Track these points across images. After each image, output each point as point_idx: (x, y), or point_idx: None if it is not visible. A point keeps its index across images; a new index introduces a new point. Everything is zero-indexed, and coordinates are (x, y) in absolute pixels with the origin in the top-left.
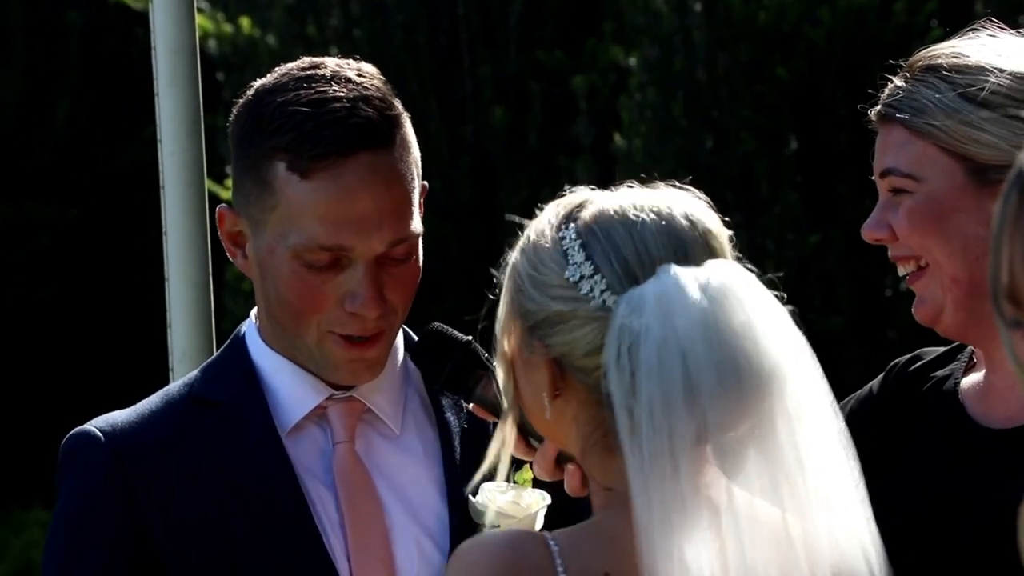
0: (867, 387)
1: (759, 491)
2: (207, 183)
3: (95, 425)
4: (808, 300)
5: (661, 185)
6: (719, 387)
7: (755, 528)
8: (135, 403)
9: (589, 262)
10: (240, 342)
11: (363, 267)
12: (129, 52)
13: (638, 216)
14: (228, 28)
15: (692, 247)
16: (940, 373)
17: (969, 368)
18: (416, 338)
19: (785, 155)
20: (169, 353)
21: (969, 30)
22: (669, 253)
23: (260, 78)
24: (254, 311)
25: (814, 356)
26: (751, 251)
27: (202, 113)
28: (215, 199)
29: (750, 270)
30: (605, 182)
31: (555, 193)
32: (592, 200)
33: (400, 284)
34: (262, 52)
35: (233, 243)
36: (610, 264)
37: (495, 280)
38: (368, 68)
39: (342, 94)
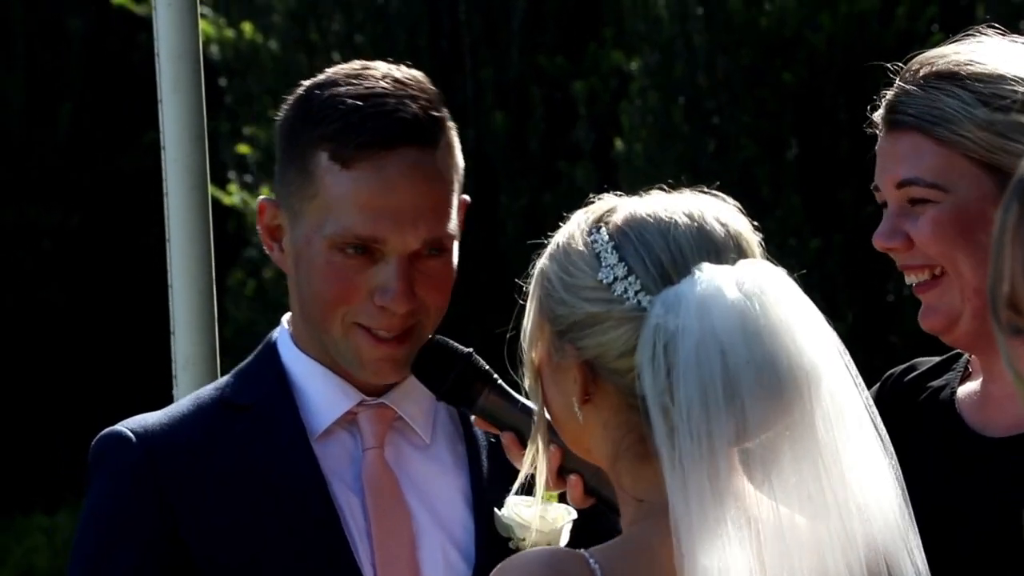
0: None
1: (794, 491)
2: (210, 189)
3: (126, 426)
4: None
5: (688, 191)
6: (758, 386)
7: (793, 534)
8: (138, 410)
9: (623, 263)
10: (272, 347)
11: (395, 261)
12: (131, 57)
13: (670, 218)
14: (230, 33)
15: (724, 249)
16: (936, 383)
17: (965, 378)
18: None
19: (786, 160)
20: (172, 359)
21: (966, 34)
22: (702, 254)
23: (262, 83)
24: (286, 316)
25: (847, 354)
26: None
27: (205, 119)
28: (215, 204)
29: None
30: (606, 188)
31: (556, 198)
32: (621, 205)
33: (432, 283)
34: (264, 57)
35: (271, 236)
36: (644, 265)
37: (523, 289)
38: (418, 74)
39: (391, 90)
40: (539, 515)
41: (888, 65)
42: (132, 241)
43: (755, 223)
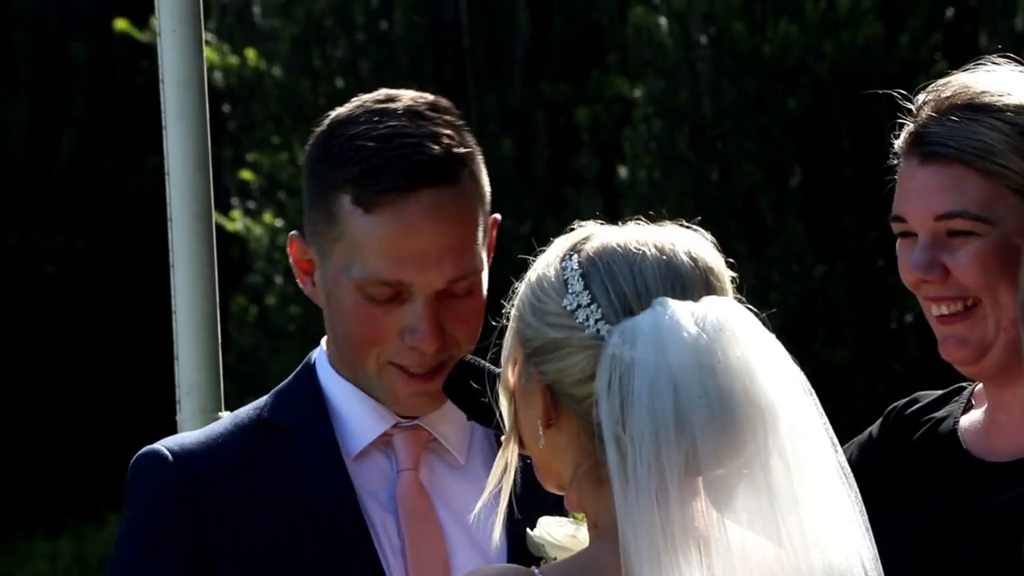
0: (867, 432)
1: (755, 529)
2: (214, 215)
3: (164, 445)
4: (813, 332)
5: (670, 224)
6: (710, 421)
7: (746, 564)
8: (140, 434)
9: (587, 292)
10: (310, 368)
11: (422, 301)
12: (134, 83)
13: (639, 250)
14: (234, 60)
15: (691, 283)
16: (938, 414)
17: (968, 409)
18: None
19: (790, 187)
20: (176, 385)
21: (977, 63)
22: (667, 287)
23: (266, 109)
24: (324, 338)
25: (813, 393)
26: (756, 282)
27: (210, 145)
28: (219, 230)
29: (750, 309)
30: (610, 214)
31: (560, 224)
32: (598, 234)
33: (461, 318)
34: (268, 84)
35: (303, 270)
36: (607, 295)
37: (503, 311)
38: (443, 103)
39: (411, 130)
40: (571, 535)
41: (895, 93)
42: (135, 266)
43: (758, 249)
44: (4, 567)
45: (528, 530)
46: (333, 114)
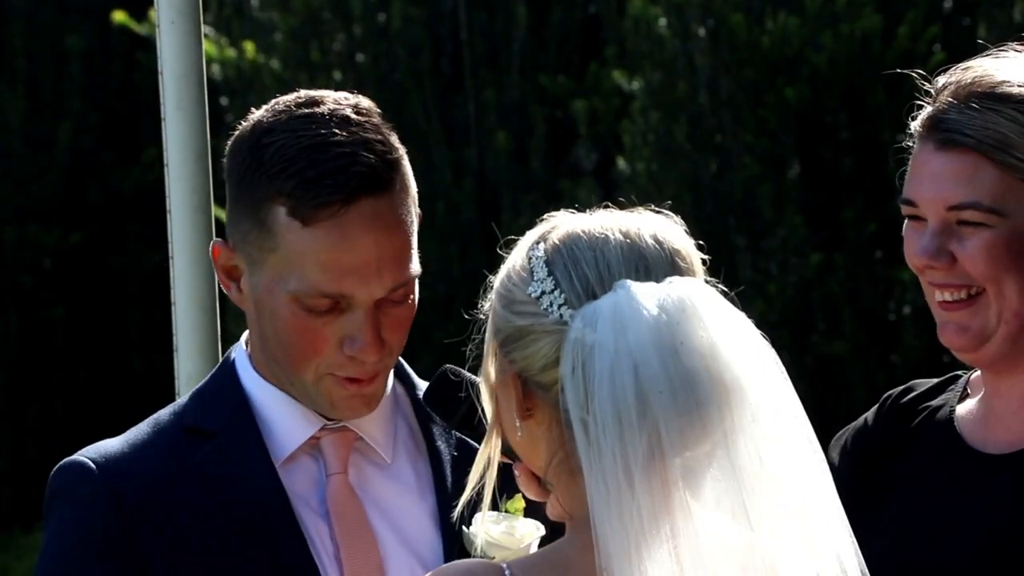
0: (861, 419)
1: (724, 512)
2: (213, 208)
3: (85, 455)
4: (811, 324)
5: (640, 209)
6: (673, 403)
7: (717, 550)
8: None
9: (551, 278)
10: (230, 369)
11: (363, 312)
12: (131, 76)
13: (603, 234)
14: (231, 53)
15: (656, 265)
16: (934, 403)
17: (964, 397)
18: (404, 364)
19: (788, 179)
20: (175, 377)
21: (999, 49)
22: (631, 270)
23: (264, 102)
24: (244, 336)
25: (784, 372)
26: (754, 274)
27: (208, 138)
28: (218, 223)
29: (722, 291)
30: (607, 206)
31: None
32: (564, 222)
33: (397, 324)
34: (266, 77)
35: (228, 276)
36: (570, 280)
37: (479, 307)
38: (365, 104)
39: (343, 138)
40: (507, 531)
41: (913, 74)
42: (133, 259)
43: (756, 242)
44: (2, 561)
45: (464, 528)
46: (254, 118)
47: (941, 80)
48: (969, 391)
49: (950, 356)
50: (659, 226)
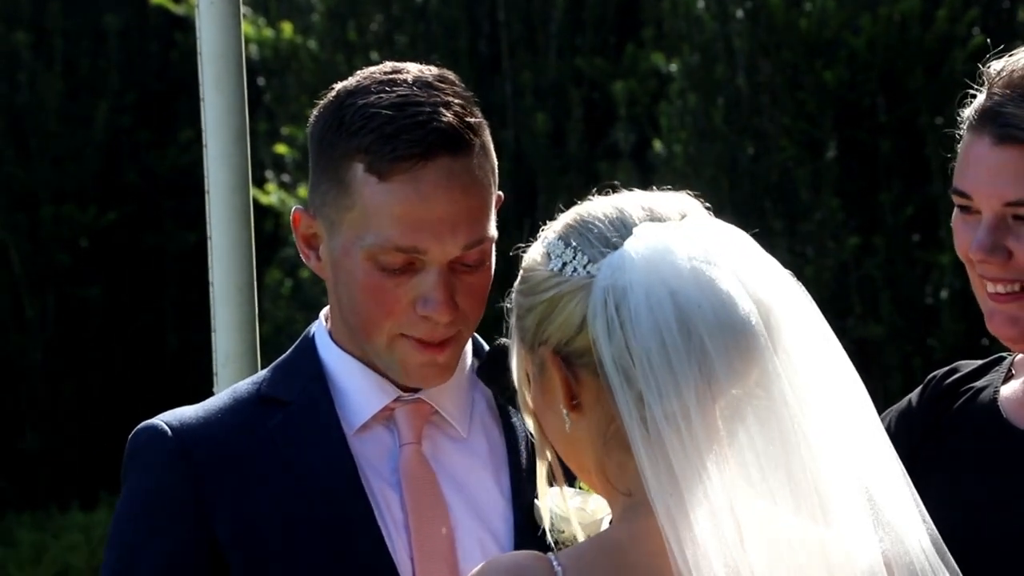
0: (905, 400)
1: (761, 454)
2: (251, 188)
3: (162, 419)
4: (848, 307)
5: (656, 189)
6: (717, 326)
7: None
8: (174, 404)
9: (569, 248)
10: (309, 342)
11: (436, 271)
12: (169, 56)
13: (614, 204)
14: (269, 33)
15: (667, 215)
16: (978, 384)
17: (1008, 379)
18: (482, 342)
19: (826, 162)
20: (213, 356)
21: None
22: (644, 219)
23: (301, 83)
24: (324, 311)
25: (808, 297)
26: (791, 257)
27: (247, 118)
28: (255, 204)
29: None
30: (644, 188)
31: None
32: (572, 209)
33: (471, 291)
34: (303, 57)
35: (307, 244)
36: (588, 241)
37: (506, 313)
38: (449, 75)
39: (423, 98)
40: (579, 506)
41: (981, 66)
42: (170, 238)
43: (793, 225)
44: (39, 539)
45: (536, 501)
46: (339, 86)
47: (994, 68)
48: (1014, 372)
49: (989, 339)
50: (669, 195)
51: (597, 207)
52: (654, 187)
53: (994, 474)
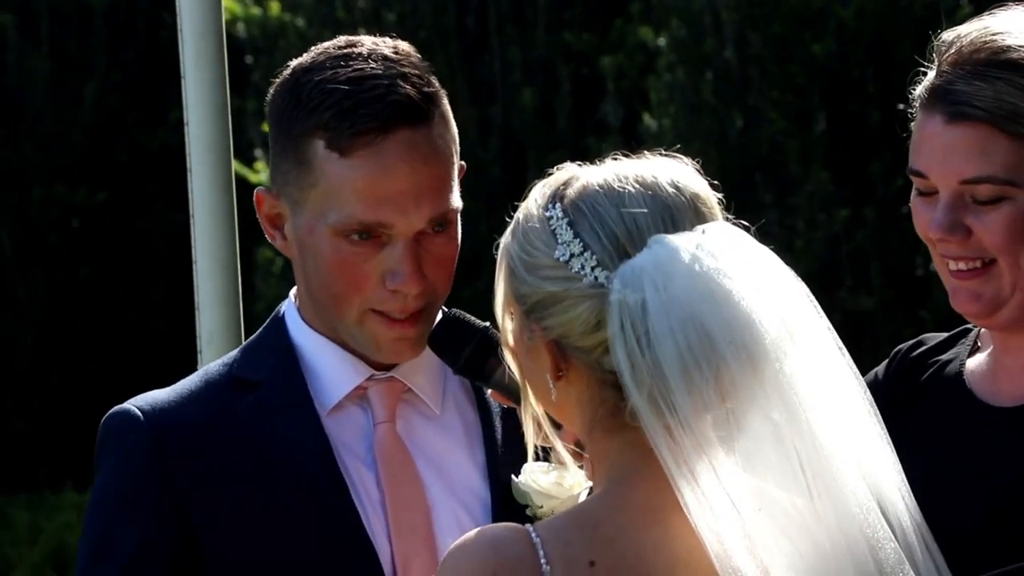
0: (872, 373)
1: (771, 456)
2: (234, 165)
3: (134, 404)
4: (839, 279)
5: (648, 155)
6: (734, 346)
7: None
8: (165, 385)
9: (578, 240)
10: (279, 322)
11: (402, 244)
12: (157, 35)
13: (623, 188)
14: (256, 11)
15: (680, 214)
16: (944, 357)
17: (974, 351)
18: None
19: (815, 134)
20: (197, 334)
21: (997, 8)
22: (657, 223)
23: (289, 60)
24: (293, 290)
25: (820, 310)
26: (781, 230)
27: (228, 96)
28: (242, 181)
29: (743, 227)
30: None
31: None
32: (577, 176)
33: (439, 262)
34: (291, 34)
35: (272, 225)
36: (599, 240)
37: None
38: (404, 46)
39: (380, 71)
40: (556, 481)
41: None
42: (159, 218)
43: (783, 197)
44: (32, 520)
45: (513, 477)
46: (294, 63)
47: (943, 44)
48: (979, 344)
49: None
50: (674, 171)
51: (609, 194)
52: None
53: (957, 448)
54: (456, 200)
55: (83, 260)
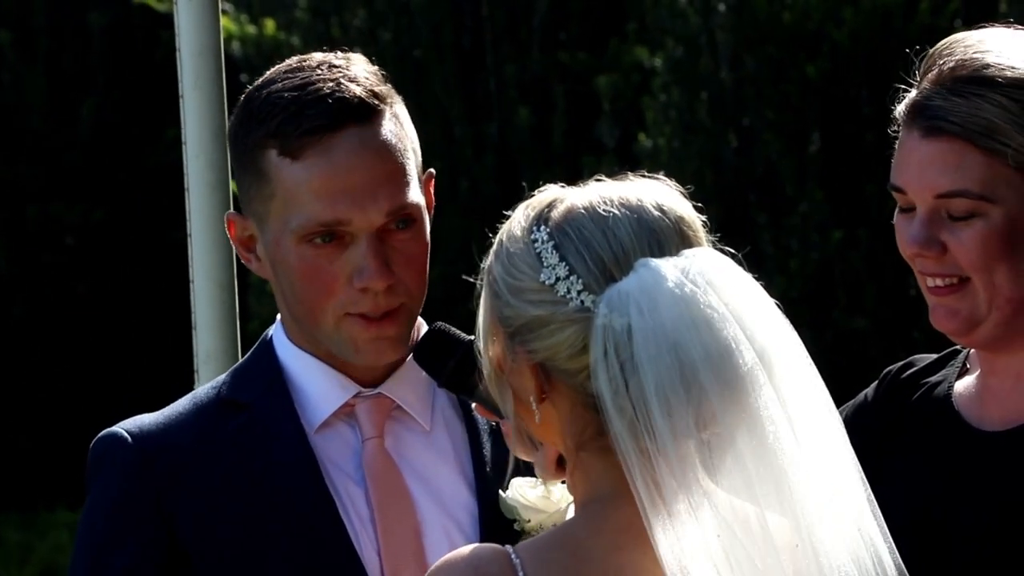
0: (861, 394)
1: (754, 479)
2: (232, 185)
3: (123, 427)
4: (833, 299)
5: (632, 176)
6: (714, 375)
7: (747, 525)
8: (161, 404)
9: (563, 263)
10: (267, 344)
11: (365, 240)
12: (153, 54)
13: (608, 211)
14: (252, 30)
15: (666, 238)
16: (933, 379)
17: (963, 373)
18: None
19: (810, 155)
20: (194, 354)
21: (978, 27)
22: (643, 246)
23: None
24: (279, 315)
25: (799, 339)
26: (775, 250)
27: (227, 115)
28: (238, 201)
29: (726, 253)
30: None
31: None
32: (561, 198)
33: (407, 260)
34: (286, 53)
35: (245, 248)
36: (585, 264)
37: (476, 285)
38: (356, 56)
39: (326, 76)
40: (543, 495)
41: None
42: (155, 237)
43: (778, 218)
44: (26, 539)
45: (501, 492)
46: (248, 89)
47: (923, 64)
48: (968, 366)
49: None
50: (658, 193)
51: (594, 217)
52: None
53: (945, 472)
54: (416, 196)
55: (79, 278)
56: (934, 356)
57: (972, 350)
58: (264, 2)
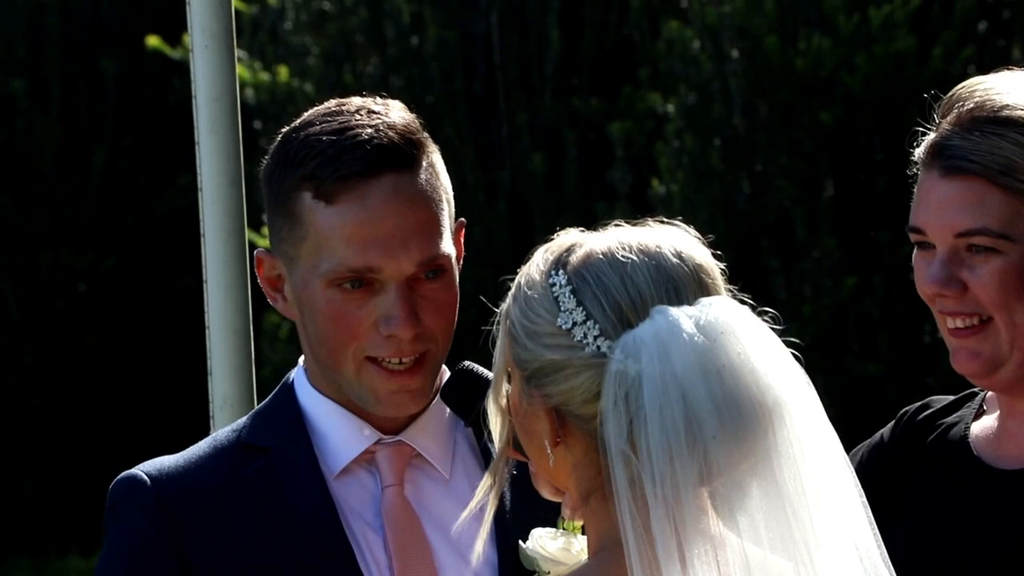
0: (877, 435)
1: (762, 529)
2: (247, 231)
3: (142, 469)
4: (846, 346)
5: (651, 222)
6: (721, 427)
7: (761, 569)
8: (175, 449)
9: (581, 308)
10: (289, 388)
11: (394, 288)
12: (165, 100)
13: (627, 257)
14: (265, 76)
15: (683, 285)
16: (949, 419)
17: (979, 415)
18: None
19: (823, 201)
20: (210, 400)
21: (997, 71)
22: (661, 293)
23: None
24: (302, 358)
25: (814, 389)
26: (788, 296)
27: (242, 160)
28: (252, 246)
29: (744, 302)
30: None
31: None
32: (580, 243)
33: (435, 307)
34: (299, 100)
35: (272, 287)
36: (602, 309)
37: (492, 330)
38: (394, 101)
39: (365, 122)
40: (563, 547)
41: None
42: (167, 283)
43: (791, 264)
44: None
45: (520, 543)
46: (285, 129)
47: (942, 106)
48: (985, 408)
49: None
50: (677, 240)
51: (613, 262)
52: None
53: (963, 513)
54: (448, 247)
55: (90, 325)
56: (951, 397)
57: (990, 393)
58: (277, 49)
